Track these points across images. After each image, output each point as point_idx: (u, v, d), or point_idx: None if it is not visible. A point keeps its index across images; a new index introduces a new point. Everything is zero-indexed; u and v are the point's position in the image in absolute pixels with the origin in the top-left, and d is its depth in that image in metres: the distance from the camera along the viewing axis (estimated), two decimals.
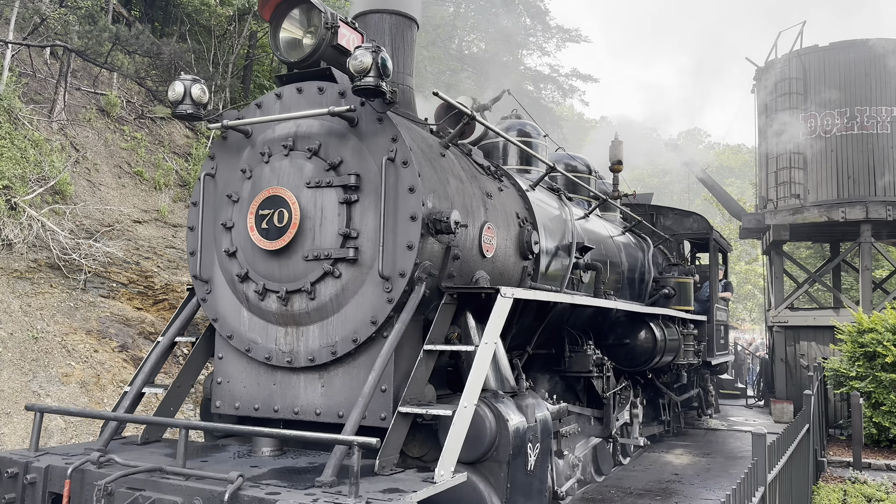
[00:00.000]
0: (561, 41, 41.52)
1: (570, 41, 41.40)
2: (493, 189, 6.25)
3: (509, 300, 5.16)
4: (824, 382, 12.99)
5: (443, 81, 34.99)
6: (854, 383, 12.22)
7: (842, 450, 12.19)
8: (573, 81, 42.10)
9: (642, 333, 8.54)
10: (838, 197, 16.62)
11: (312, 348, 5.21)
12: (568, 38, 41.47)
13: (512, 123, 8.78)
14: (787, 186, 17.07)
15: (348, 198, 5.07)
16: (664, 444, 11.85)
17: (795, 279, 21.03)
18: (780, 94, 17.48)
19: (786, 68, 17.52)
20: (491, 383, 5.50)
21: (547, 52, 42.71)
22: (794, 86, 17.24)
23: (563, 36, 41.41)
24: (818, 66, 17.23)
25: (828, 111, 16.88)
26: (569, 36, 41.47)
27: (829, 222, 16.55)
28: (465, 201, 5.59)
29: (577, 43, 42.72)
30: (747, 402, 19.59)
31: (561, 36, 41.46)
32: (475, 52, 40.32)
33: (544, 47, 41.49)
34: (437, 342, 5.07)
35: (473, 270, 5.72)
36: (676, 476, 9.46)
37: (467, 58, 39.39)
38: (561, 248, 7.35)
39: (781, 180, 17.26)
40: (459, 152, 6.14)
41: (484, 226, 5.80)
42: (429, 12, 35.65)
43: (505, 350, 6.11)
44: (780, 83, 17.52)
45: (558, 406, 6.37)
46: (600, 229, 9.25)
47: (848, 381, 12.46)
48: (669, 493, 8.43)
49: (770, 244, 18.16)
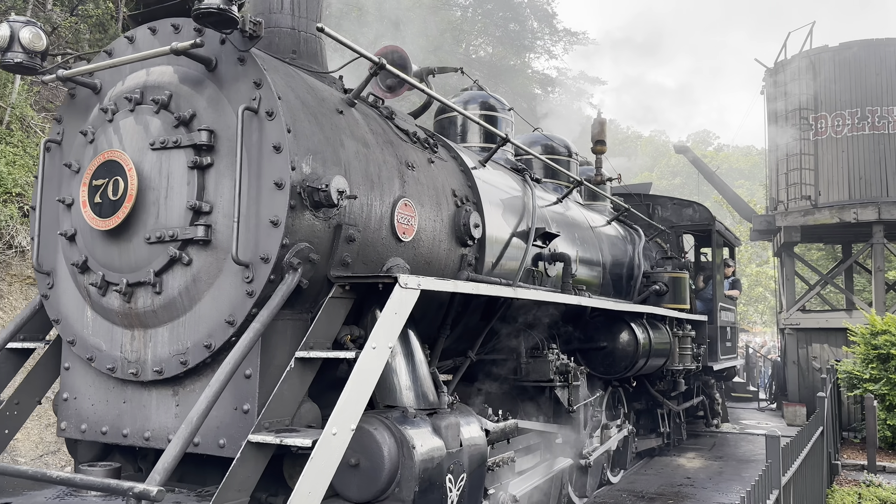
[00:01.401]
0: (568, 44, 40.10)
1: (578, 44, 40.01)
2: (419, 160, 4.92)
3: (413, 292, 3.83)
4: (837, 385, 12.49)
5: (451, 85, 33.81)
6: (868, 385, 11.78)
7: (856, 453, 11.70)
8: (581, 84, 40.67)
9: (622, 335, 7.13)
10: (850, 198, 15.99)
11: (161, 357, 3.91)
12: (575, 41, 40.07)
13: (472, 95, 7.43)
14: (798, 188, 16.49)
15: (200, 161, 3.78)
16: (675, 447, 11.27)
17: (807, 281, 20.27)
18: (790, 95, 16.81)
19: (796, 69, 16.87)
20: (403, 398, 4.18)
21: (554, 56, 41.21)
22: (803, 86, 16.63)
23: (571, 39, 40.01)
24: (829, 66, 16.60)
25: (838, 111, 16.30)
26: (576, 39, 40.07)
27: (841, 223, 15.93)
28: (367, 169, 4.27)
29: (584, 46, 41.31)
30: (759, 405, 18.92)
31: (568, 39, 40.06)
32: (482, 57, 39.07)
33: (552, 50, 40.12)
34: (320, 347, 3.76)
35: (383, 257, 4.40)
36: (689, 480, 9.24)
37: (475, 62, 38.13)
38: (517, 234, 5.99)
39: (792, 181, 16.65)
40: (375, 114, 4.82)
41: (398, 202, 4.48)
42: (435, 17, 34.59)
43: (429, 355, 4.78)
44: (790, 84, 16.86)
45: (504, 423, 5.01)
46: (578, 217, 7.87)
47: (861, 383, 12.02)
48: (682, 497, 8.14)
49: (781, 246, 17.53)
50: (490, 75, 36.59)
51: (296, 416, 3.69)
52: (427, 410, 4.24)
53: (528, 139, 8.84)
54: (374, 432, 3.80)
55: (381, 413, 4.01)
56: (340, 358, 3.61)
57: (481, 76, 37.72)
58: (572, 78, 40.93)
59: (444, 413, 4.24)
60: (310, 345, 3.71)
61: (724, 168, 43.81)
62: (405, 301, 3.78)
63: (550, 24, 40.05)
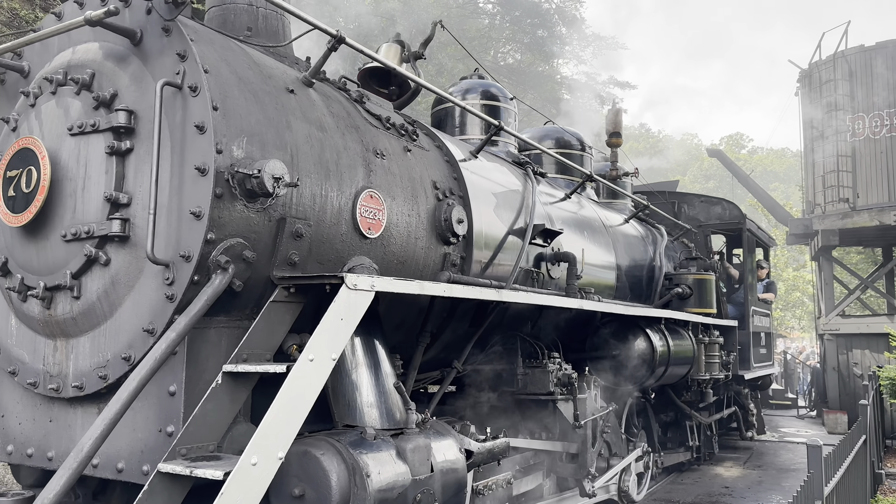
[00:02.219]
0: (597, 49, 39.18)
1: (607, 49, 39.05)
2: (392, 147, 4.32)
3: (365, 294, 3.23)
4: (880, 392, 11.87)
5: None
6: None
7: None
8: (610, 89, 39.64)
9: (637, 343, 6.41)
10: (889, 200, 15.29)
11: (82, 370, 3.38)
12: (604, 45, 39.15)
13: (472, 84, 6.80)
14: (836, 190, 15.82)
15: (118, 146, 3.24)
16: (707, 461, 10.68)
17: (846, 285, 19.57)
18: (826, 96, 16.14)
19: (831, 69, 16.19)
20: (365, 417, 3.59)
21: (583, 61, 40.29)
22: (840, 87, 15.95)
23: (600, 44, 39.10)
24: (864, 66, 15.91)
25: (876, 112, 15.62)
26: (605, 44, 39.15)
27: (881, 226, 15.22)
28: (321, 156, 3.69)
29: (613, 51, 40.29)
30: (798, 412, 18.32)
31: (597, 44, 39.16)
32: (511, 64, 38.39)
33: (580, 55, 39.23)
34: (257, 359, 3.18)
35: (344, 256, 3.81)
36: (727, 489, 8.90)
37: (503, 69, 37.47)
38: (514, 232, 5.36)
39: (829, 184, 15.96)
40: (341, 96, 4.24)
41: (362, 193, 3.89)
42: (464, 25, 34.12)
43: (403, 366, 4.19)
44: (826, 85, 16.22)
45: (492, 442, 4.36)
46: (590, 215, 7.18)
47: None
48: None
49: (819, 250, 16.79)
50: (518, 82, 35.92)
51: (226, 440, 3.12)
52: (392, 431, 3.63)
53: (539, 133, 8.19)
54: (321, 458, 3.21)
55: (333, 435, 3.42)
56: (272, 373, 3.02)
57: (510, 83, 37.09)
58: (601, 83, 39.91)
59: (412, 434, 3.63)
60: (243, 356, 3.14)
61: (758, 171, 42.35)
62: (355, 305, 3.18)
63: (579, 30, 39.18)
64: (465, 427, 4.55)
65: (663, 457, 9.03)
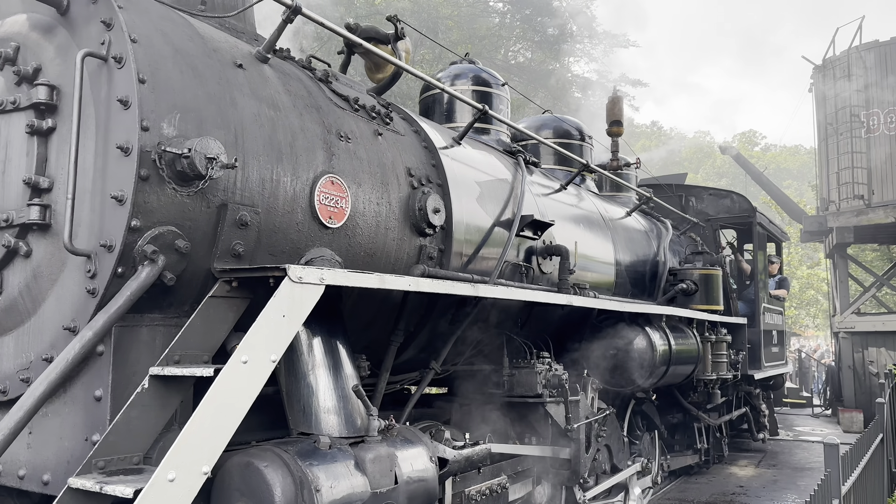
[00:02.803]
0: (609, 47, 38.60)
1: (618, 46, 38.47)
2: (359, 130, 3.95)
3: (313, 288, 2.87)
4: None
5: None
6: None
7: None
8: (622, 87, 38.95)
9: (636, 341, 6.00)
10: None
11: (6, 372, 3.04)
12: (615, 43, 38.56)
13: (462, 69, 6.41)
14: (850, 187, 15.60)
15: (40, 125, 2.90)
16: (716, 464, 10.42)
17: (861, 283, 19.42)
18: (840, 92, 15.92)
19: (845, 65, 15.99)
20: (322, 424, 3.24)
21: (594, 59, 39.69)
22: (853, 83, 15.70)
23: (611, 41, 38.50)
24: (879, 61, 15.72)
25: (891, 108, 15.44)
26: (616, 41, 38.55)
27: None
28: (273, 137, 3.33)
29: (625, 48, 39.62)
30: (813, 411, 18.08)
31: (608, 42, 38.57)
32: (521, 62, 37.90)
33: (591, 53, 38.66)
34: (192, 360, 2.83)
35: (301, 247, 3.45)
36: (741, 488, 8.84)
37: (514, 67, 37.00)
38: (500, 224, 4.98)
39: (844, 181, 15.75)
40: (303, 74, 3.88)
41: (321, 179, 3.52)
42: (474, 24, 33.74)
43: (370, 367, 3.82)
44: (840, 81, 15.99)
45: (471, 449, 3.98)
46: (588, 207, 6.77)
47: None
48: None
49: (833, 247, 16.61)
50: (529, 80, 35.44)
51: (156, 450, 2.77)
52: (351, 439, 3.27)
53: (537, 122, 7.78)
54: (264, 470, 2.86)
55: (282, 444, 3.06)
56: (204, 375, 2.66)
57: (520, 81, 36.66)
58: (613, 80, 39.25)
59: (373, 442, 3.27)
60: (175, 358, 2.78)
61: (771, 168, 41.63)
62: (300, 300, 2.82)
63: (590, 28, 38.63)
64: (439, 433, 4.19)
65: (670, 460, 8.61)
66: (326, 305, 3.50)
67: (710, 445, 9.77)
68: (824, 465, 4.44)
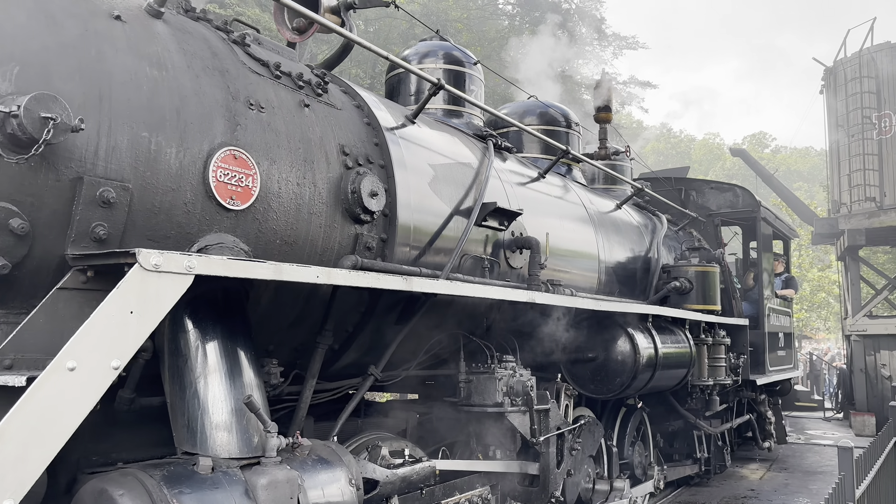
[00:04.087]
0: (618, 49, 37.81)
1: (628, 48, 37.65)
2: (278, 100, 3.36)
3: (178, 279, 2.28)
4: None
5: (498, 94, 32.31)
6: None
7: None
8: (631, 88, 38.23)
9: (618, 343, 5.36)
10: None
11: None
12: (625, 45, 37.75)
13: (431, 47, 5.81)
14: (862, 189, 15.30)
15: None
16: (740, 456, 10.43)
17: (873, 286, 18.96)
18: (851, 94, 15.64)
19: (856, 67, 15.68)
20: (210, 442, 2.66)
21: (604, 61, 38.94)
22: (865, 85, 15.44)
23: (620, 44, 37.71)
24: (891, 63, 15.41)
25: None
26: (625, 43, 37.75)
27: None
28: (153, 100, 2.75)
29: (634, 50, 38.79)
30: (825, 414, 17.62)
31: (618, 44, 37.78)
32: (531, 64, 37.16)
33: (601, 55, 37.90)
34: (31, 365, 2.25)
35: (192, 232, 2.87)
36: (753, 492, 8.69)
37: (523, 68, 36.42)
38: (459, 212, 4.37)
39: (855, 183, 15.44)
40: (211, 34, 3.29)
41: (219, 152, 2.94)
42: (484, 26, 33.23)
43: (283, 373, 3.25)
44: (851, 82, 15.70)
45: (410, 468, 3.38)
46: (571, 199, 6.14)
47: None
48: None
49: (845, 250, 16.30)
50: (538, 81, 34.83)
51: None
52: (244, 461, 2.68)
53: (520, 107, 7.16)
54: (119, 500, 2.29)
55: (151, 467, 2.48)
56: None
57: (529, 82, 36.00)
58: (622, 83, 38.48)
59: (270, 465, 2.67)
60: (6, 363, 2.21)
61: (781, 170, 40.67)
62: (156, 294, 2.24)
63: (599, 30, 37.87)
64: (375, 449, 3.59)
65: (667, 470, 7.94)
66: (224, 301, 2.92)
67: (711, 455, 9.07)
68: (838, 468, 4.38)
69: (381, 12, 25.96)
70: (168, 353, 2.80)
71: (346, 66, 23.22)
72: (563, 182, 6.45)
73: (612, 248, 6.47)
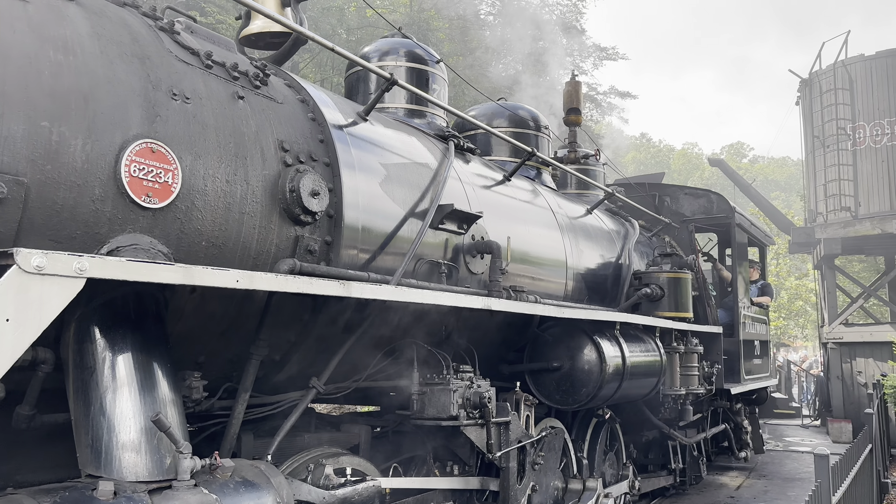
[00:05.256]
0: (598, 59, 37.85)
1: (608, 59, 37.73)
2: (207, 90, 3.10)
3: (66, 283, 2.01)
4: (884, 400, 11.64)
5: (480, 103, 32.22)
6: None
7: None
8: (611, 99, 38.27)
9: (584, 352, 5.12)
10: (891, 208, 14.96)
11: None
12: (605, 56, 37.82)
13: (393, 44, 5.56)
14: (838, 199, 15.55)
15: None
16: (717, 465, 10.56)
17: (849, 294, 19.12)
18: (827, 105, 15.94)
19: (831, 78, 15.95)
20: (116, 464, 2.39)
21: (584, 71, 38.95)
22: (840, 96, 15.72)
23: (600, 54, 37.77)
24: (865, 75, 15.68)
25: (877, 121, 15.39)
26: (605, 54, 37.82)
27: (883, 234, 14.95)
28: (57, 86, 2.48)
29: (614, 61, 38.90)
30: (803, 421, 17.72)
31: (598, 54, 37.83)
32: (512, 74, 37.13)
33: (581, 66, 37.88)
34: None
35: (103, 233, 2.59)
36: (732, 499, 8.77)
37: (504, 79, 36.33)
38: (414, 214, 4.11)
39: (831, 193, 15.66)
40: (135, 20, 3.01)
41: (133, 144, 2.66)
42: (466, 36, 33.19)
43: (203, 389, 2.98)
44: (826, 94, 16.00)
45: (349, 490, 3.11)
46: (538, 203, 5.91)
47: None
48: None
49: (821, 258, 16.54)
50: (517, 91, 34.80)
51: None
52: (154, 484, 2.40)
53: (488, 109, 6.93)
54: None
55: (43, 493, 2.20)
56: None
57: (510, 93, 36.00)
58: (602, 93, 38.53)
59: (182, 489, 2.39)
60: None
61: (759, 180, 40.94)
62: (39, 299, 1.96)
63: (579, 41, 37.90)
64: (319, 468, 3.31)
65: (641, 482, 7.69)
66: (137, 308, 2.65)
67: (687, 465, 8.85)
68: (815, 475, 4.42)
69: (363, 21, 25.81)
70: (73, 366, 2.52)
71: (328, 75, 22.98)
72: (531, 186, 6.22)
73: (581, 253, 6.25)
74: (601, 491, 5.80)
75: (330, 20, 25.23)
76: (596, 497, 5.61)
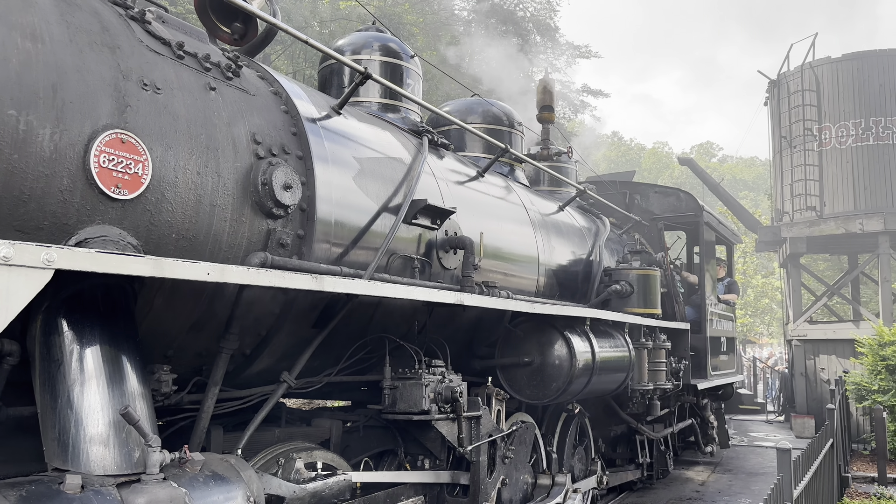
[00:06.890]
0: (571, 58, 38.08)
1: (581, 57, 37.96)
2: (179, 81, 3.06)
3: (32, 274, 1.98)
4: (846, 396, 11.95)
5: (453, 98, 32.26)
6: (876, 397, 11.45)
7: (866, 465, 11.29)
8: (584, 97, 38.51)
9: (554, 347, 5.18)
10: (855, 208, 15.28)
11: None
12: (578, 54, 38.06)
13: (367, 38, 5.54)
14: (803, 199, 15.87)
15: None
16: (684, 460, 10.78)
17: (814, 292, 19.40)
18: (794, 107, 16.26)
19: (798, 80, 16.26)
20: (84, 457, 2.37)
21: (557, 69, 39.16)
22: (807, 98, 16.01)
23: (574, 52, 38.00)
24: (831, 77, 16.00)
25: (842, 123, 15.70)
26: (579, 52, 38.05)
27: (847, 234, 15.26)
28: (24, 75, 2.43)
29: (587, 59, 39.16)
30: (767, 417, 18.00)
31: (571, 52, 38.06)
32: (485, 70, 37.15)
33: (554, 64, 38.08)
34: None
35: (71, 223, 2.56)
36: (698, 493, 8.92)
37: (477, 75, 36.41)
38: (388, 209, 4.12)
39: (797, 193, 15.98)
40: (106, 9, 2.97)
41: (102, 135, 2.63)
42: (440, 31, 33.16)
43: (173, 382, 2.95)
44: (794, 95, 16.30)
45: (319, 483, 3.11)
46: (512, 199, 5.95)
47: (870, 394, 11.69)
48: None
49: (787, 257, 16.81)
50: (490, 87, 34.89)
51: None
52: (122, 478, 2.38)
53: (463, 105, 6.94)
54: None
55: (8, 486, 2.17)
56: None
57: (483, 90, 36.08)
58: (575, 91, 38.77)
59: (151, 483, 2.37)
60: None
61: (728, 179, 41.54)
62: (5, 291, 1.93)
63: (553, 38, 38.08)
64: (289, 462, 3.31)
65: (609, 476, 7.80)
66: (106, 300, 2.62)
67: (654, 459, 9.00)
68: (777, 469, 4.51)
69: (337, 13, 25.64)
70: (39, 358, 2.48)
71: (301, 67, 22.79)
72: (505, 182, 6.26)
73: (552, 250, 6.30)
74: (570, 486, 5.89)
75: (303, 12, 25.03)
76: (565, 492, 5.70)
